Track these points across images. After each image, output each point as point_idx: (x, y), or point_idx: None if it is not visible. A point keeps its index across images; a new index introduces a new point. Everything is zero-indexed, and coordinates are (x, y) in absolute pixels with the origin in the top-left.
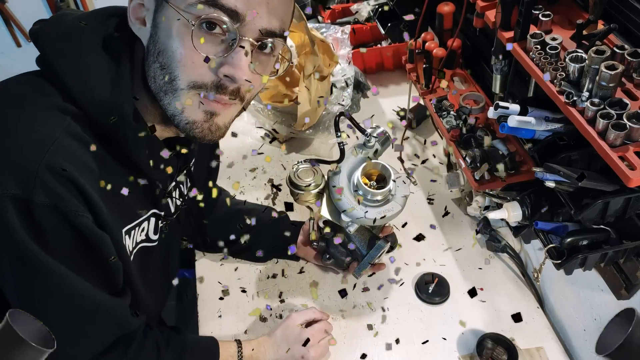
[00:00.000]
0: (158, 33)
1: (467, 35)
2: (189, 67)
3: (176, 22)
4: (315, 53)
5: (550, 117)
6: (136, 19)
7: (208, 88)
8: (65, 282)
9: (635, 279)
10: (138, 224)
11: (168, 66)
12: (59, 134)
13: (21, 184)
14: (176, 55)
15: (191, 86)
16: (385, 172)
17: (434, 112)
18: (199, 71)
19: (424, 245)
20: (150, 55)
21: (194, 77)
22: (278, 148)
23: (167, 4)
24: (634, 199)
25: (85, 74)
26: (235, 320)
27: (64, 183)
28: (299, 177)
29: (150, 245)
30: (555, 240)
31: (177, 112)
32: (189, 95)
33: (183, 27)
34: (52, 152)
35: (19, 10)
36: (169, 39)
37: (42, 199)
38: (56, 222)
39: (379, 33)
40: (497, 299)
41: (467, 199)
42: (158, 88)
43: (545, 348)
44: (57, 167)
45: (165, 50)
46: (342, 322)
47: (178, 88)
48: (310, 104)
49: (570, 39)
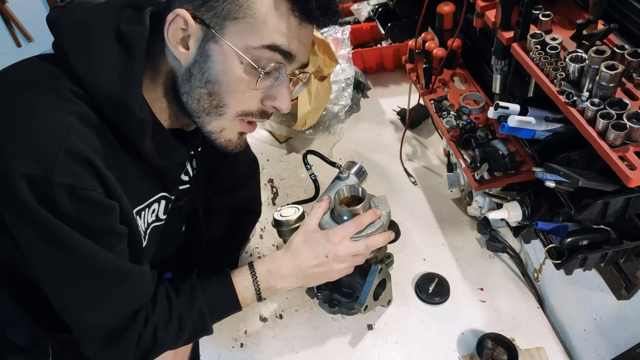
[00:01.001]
0: (209, 63)
1: (467, 35)
2: (241, 99)
3: (236, 61)
4: (315, 53)
5: (550, 117)
6: (176, 42)
7: (254, 115)
8: (88, 252)
9: (635, 279)
10: (148, 205)
11: (218, 95)
12: (75, 118)
13: (41, 163)
14: (231, 89)
15: (239, 114)
16: (360, 193)
17: (434, 112)
18: (249, 103)
19: (424, 245)
20: (195, 80)
21: (243, 107)
22: (278, 148)
23: (223, 40)
24: (634, 199)
25: (96, 64)
26: (235, 320)
27: (84, 165)
28: (281, 216)
29: (160, 224)
30: (555, 240)
31: (215, 131)
32: (234, 120)
33: (246, 68)
34: (71, 135)
35: (19, 10)
36: (226, 73)
37: (62, 179)
38: (76, 200)
39: (379, 33)
40: (497, 299)
41: (467, 199)
42: (200, 109)
43: (545, 348)
44: (76, 150)
45: (219, 82)
46: (342, 322)
47: (225, 114)
48: (310, 104)
49: (570, 39)
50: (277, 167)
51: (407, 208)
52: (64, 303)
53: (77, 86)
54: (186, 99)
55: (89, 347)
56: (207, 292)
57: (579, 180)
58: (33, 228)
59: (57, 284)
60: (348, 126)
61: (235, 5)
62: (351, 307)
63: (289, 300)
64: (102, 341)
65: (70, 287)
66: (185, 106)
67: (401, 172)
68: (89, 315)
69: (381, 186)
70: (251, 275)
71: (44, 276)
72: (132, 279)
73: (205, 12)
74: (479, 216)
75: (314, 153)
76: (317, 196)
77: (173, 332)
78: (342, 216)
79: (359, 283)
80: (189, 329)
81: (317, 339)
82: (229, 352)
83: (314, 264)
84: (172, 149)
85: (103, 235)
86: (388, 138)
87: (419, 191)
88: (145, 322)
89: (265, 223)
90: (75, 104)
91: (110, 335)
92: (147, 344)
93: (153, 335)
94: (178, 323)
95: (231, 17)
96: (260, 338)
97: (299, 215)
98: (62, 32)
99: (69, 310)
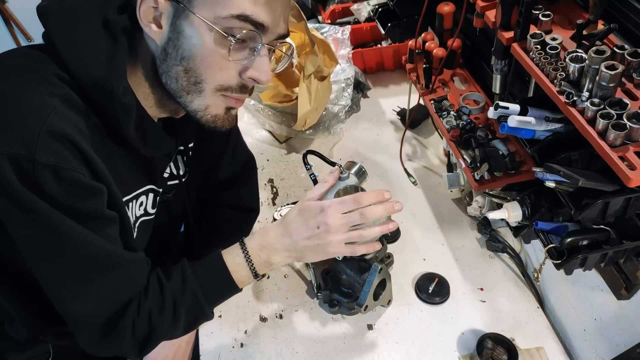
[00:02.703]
0: (181, 39)
1: (467, 35)
2: (217, 73)
3: (207, 33)
4: (315, 53)
5: (550, 117)
6: (149, 22)
7: (233, 89)
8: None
9: (635, 279)
10: (135, 196)
11: (194, 70)
12: (57, 100)
13: (24, 144)
14: (205, 62)
15: (218, 89)
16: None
17: (434, 112)
18: (226, 75)
19: (424, 245)
20: (170, 58)
21: (221, 81)
22: (278, 148)
23: (192, 13)
24: (634, 199)
25: (82, 49)
26: (235, 320)
27: (67, 146)
28: (281, 216)
29: (149, 219)
30: (555, 240)
31: (200, 109)
32: (215, 96)
33: (217, 39)
34: (53, 116)
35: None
36: (199, 47)
37: (45, 159)
38: (59, 180)
39: (379, 33)
40: (497, 299)
41: (467, 199)
42: (180, 88)
43: (545, 348)
44: (59, 130)
45: (193, 56)
46: (342, 322)
47: (204, 90)
48: (310, 104)
49: (570, 39)
50: (277, 167)
51: (407, 208)
52: (55, 291)
53: (62, 71)
54: (165, 79)
55: (85, 339)
56: (198, 273)
57: (579, 180)
58: (19, 210)
59: (47, 269)
60: (348, 126)
61: None
62: (351, 307)
63: (289, 300)
64: (97, 332)
65: (60, 273)
66: (167, 87)
67: (401, 172)
68: (82, 303)
69: (381, 186)
70: (243, 251)
71: (35, 262)
72: (125, 265)
73: None
74: (479, 216)
75: (314, 153)
76: None
77: (168, 318)
78: None
79: (359, 283)
80: (185, 314)
81: (317, 339)
82: (229, 352)
83: (305, 236)
84: (158, 138)
85: (91, 218)
86: (388, 138)
87: (419, 191)
88: (138, 309)
89: (265, 223)
90: (59, 87)
91: (105, 326)
92: (143, 332)
93: (148, 322)
94: (172, 307)
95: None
96: (260, 338)
97: None
98: (49, 19)
99: (61, 298)
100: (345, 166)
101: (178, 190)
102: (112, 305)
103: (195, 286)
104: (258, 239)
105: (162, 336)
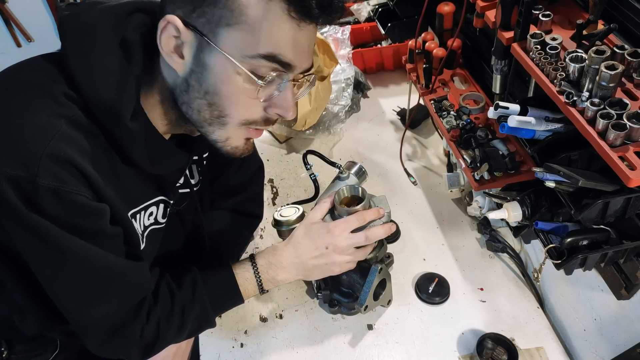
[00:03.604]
0: (205, 74)
1: (467, 35)
2: (242, 109)
3: (233, 71)
4: (316, 53)
5: (550, 117)
6: (170, 51)
7: (258, 123)
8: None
9: (635, 279)
10: (144, 208)
11: (219, 105)
12: (63, 122)
13: (25, 167)
14: (232, 100)
15: (243, 123)
16: (360, 193)
17: (434, 112)
18: (252, 112)
19: (424, 245)
20: (193, 90)
21: (246, 117)
22: (278, 148)
23: (217, 48)
24: (634, 199)
25: (94, 68)
26: (235, 320)
27: (68, 169)
28: (281, 216)
29: (159, 227)
30: (555, 240)
31: (220, 140)
32: (239, 129)
33: (245, 78)
34: (57, 139)
35: (19, 10)
36: (224, 84)
37: (46, 182)
38: (60, 202)
39: (379, 33)
40: (497, 299)
41: (467, 199)
42: (202, 119)
43: (545, 348)
44: (61, 154)
45: (218, 92)
46: (342, 322)
47: (228, 124)
48: (310, 104)
49: (570, 39)
50: (277, 167)
51: (407, 208)
52: (62, 301)
53: (72, 89)
54: (186, 109)
55: (92, 343)
56: (209, 284)
57: (579, 180)
58: (23, 229)
59: (54, 283)
60: (348, 126)
61: (227, 11)
62: (351, 307)
63: (289, 300)
64: (104, 337)
65: (66, 286)
66: (186, 116)
67: (401, 172)
68: (88, 312)
69: (381, 186)
70: (252, 267)
71: (42, 276)
72: (129, 274)
73: (197, 18)
74: (479, 216)
75: (314, 153)
76: (317, 196)
77: (176, 325)
78: (342, 216)
79: (359, 283)
80: (191, 322)
81: (317, 339)
82: (229, 352)
83: (313, 255)
84: (169, 157)
85: (93, 236)
86: (388, 138)
87: (419, 191)
88: (148, 317)
89: (265, 223)
90: (67, 107)
91: (112, 331)
92: (150, 338)
93: (156, 329)
94: (181, 316)
95: (224, 23)
96: (260, 338)
97: (299, 215)
98: (66, 32)
99: (68, 307)
100: (345, 166)
101: (190, 200)
102: (118, 311)
103: (205, 297)
104: (267, 256)
105: (167, 342)
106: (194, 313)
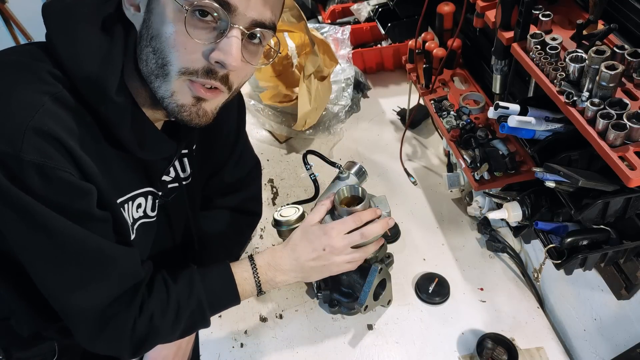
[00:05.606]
0: (152, 18)
1: (467, 35)
2: (181, 53)
3: (170, 8)
4: (315, 53)
5: (550, 117)
6: (130, 5)
7: (199, 74)
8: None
9: (635, 279)
10: (131, 198)
11: (161, 51)
12: (47, 98)
13: (9, 142)
14: (170, 41)
15: (182, 72)
16: (360, 193)
17: (434, 112)
18: (191, 57)
19: (424, 245)
20: (143, 40)
21: (185, 63)
22: (278, 148)
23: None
24: (634, 199)
25: (78, 47)
26: (235, 320)
27: (54, 144)
28: (281, 216)
29: (150, 221)
30: (555, 240)
31: (166, 95)
32: (179, 80)
33: (177, 13)
34: (41, 113)
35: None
36: (163, 24)
37: (30, 157)
38: (45, 178)
39: (379, 33)
40: (497, 299)
41: (467, 199)
42: (149, 72)
43: (545, 348)
44: (45, 128)
45: (159, 35)
46: (342, 322)
47: (169, 73)
48: (310, 104)
49: (570, 39)
50: (277, 167)
51: (407, 208)
52: (49, 286)
53: (57, 68)
54: (140, 65)
55: (82, 333)
56: (207, 281)
57: (579, 180)
58: (7, 207)
59: (39, 265)
60: (348, 126)
61: None
62: (351, 307)
63: (289, 300)
64: (93, 327)
65: (52, 268)
66: (141, 73)
67: (401, 172)
68: (75, 297)
69: (381, 186)
70: (251, 267)
71: (27, 259)
72: (118, 259)
73: None
74: (479, 216)
75: (314, 153)
76: (317, 196)
77: (170, 320)
78: (342, 216)
79: (359, 283)
80: (186, 319)
81: (317, 339)
82: (229, 352)
83: (311, 257)
84: (157, 141)
85: (80, 216)
86: (388, 138)
87: (419, 191)
88: (141, 309)
89: (265, 223)
90: (52, 85)
91: (102, 320)
92: (142, 332)
93: (149, 322)
94: (175, 310)
95: None
96: (260, 338)
97: (299, 215)
98: (49, 15)
99: (55, 293)
100: (345, 166)
101: (178, 194)
102: (107, 298)
103: (202, 293)
104: (267, 257)
105: (160, 338)
106: (190, 309)
